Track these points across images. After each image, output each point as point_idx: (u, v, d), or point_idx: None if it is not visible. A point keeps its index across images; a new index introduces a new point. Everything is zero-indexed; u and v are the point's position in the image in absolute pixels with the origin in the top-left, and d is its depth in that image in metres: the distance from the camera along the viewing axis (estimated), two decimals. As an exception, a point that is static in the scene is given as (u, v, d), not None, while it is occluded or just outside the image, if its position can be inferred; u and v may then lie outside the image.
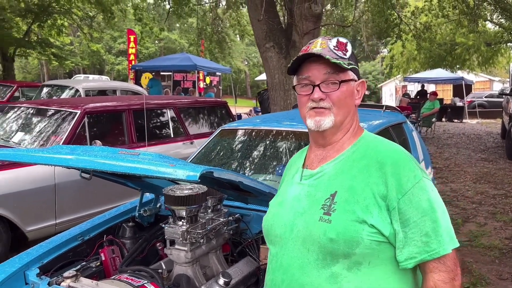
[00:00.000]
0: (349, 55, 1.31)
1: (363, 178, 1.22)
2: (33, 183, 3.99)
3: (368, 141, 1.32)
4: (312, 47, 1.30)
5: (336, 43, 1.30)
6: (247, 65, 42.09)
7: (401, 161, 1.22)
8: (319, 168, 1.32)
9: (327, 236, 1.18)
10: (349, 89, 1.30)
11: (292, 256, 1.25)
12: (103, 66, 39.39)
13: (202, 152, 3.40)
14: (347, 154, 1.30)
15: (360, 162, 1.26)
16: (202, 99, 7.57)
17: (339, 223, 1.18)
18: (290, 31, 6.98)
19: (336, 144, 1.33)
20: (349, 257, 1.17)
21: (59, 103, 4.94)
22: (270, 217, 1.38)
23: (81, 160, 1.58)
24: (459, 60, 21.03)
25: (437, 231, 1.16)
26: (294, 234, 1.26)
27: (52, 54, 16.88)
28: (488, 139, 12.46)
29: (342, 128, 1.32)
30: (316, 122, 1.28)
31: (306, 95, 1.30)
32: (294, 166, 1.45)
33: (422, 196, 1.18)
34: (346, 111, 1.30)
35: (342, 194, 1.22)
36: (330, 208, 1.21)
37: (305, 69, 1.30)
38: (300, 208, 1.28)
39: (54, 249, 2.26)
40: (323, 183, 1.28)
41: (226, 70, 17.01)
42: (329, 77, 1.27)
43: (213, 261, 2.32)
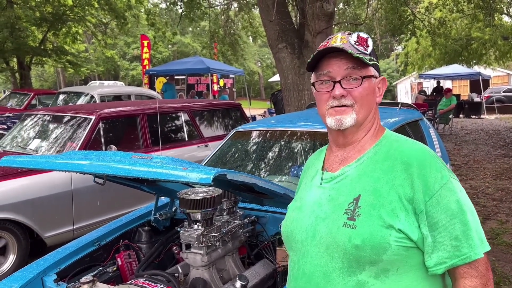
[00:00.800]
0: (370, 50, 1.25)
1: (387, 180, 1.16)
2: (51, 189, 4.03)
3: (391, 141, 1.26)
4: (332, 42, 1.24)
5: (357, 38, 1.25)
6: (260, 67, 42.11)
7: (427, 161, 1.16)
8: (340, 171, 1.26)
9: (352, 242, 1.12)
10: (370, 86, 1.25)
11: (315, 264, 1.19)
12: (118, 71, 39.84)
13: (217, 155, 3.39)
14: (369, 155, 1.24)
15: (383, 163, 1.20)
16: (216, 101, 7.57)
17: (364, 229, 1.12)
18: (302, 31, 6.93)
19: (357, 144, 1.27)
20: (376, 264, 1.11)
21: (74, 110, 4.99)
22: (290, 222, 1.31)
23: (95, 165, 1.57)
24: (476, 55, 20.68)
25: (467, 234, 1.10)
26: (316, 240, 1.20)
27: (67, 62, 17.11)
28: (507, 135, 12.21)
29: (363, 127, 1.26)
30: (336, 120, 1.22)
31: (326, 92, 1.24)
32: (313, 168, 1.38)
33: (451, 197, 1.12)
34: (368, 108, 1.25)
35: (367, 198, 1.16)
36: (354, 213, 1.15)
37: (325, 65, 1.24)
38: (322, 213, 1.22)
39: (71, 255, 2.27)
40: (345, 186, 1.22)
41: (239, 72, 17.02)
42: (350, 73, 1.21)
43: (230, 264, 2.30)
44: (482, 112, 18.07)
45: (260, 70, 41.61)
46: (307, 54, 6.81)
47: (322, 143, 3.12)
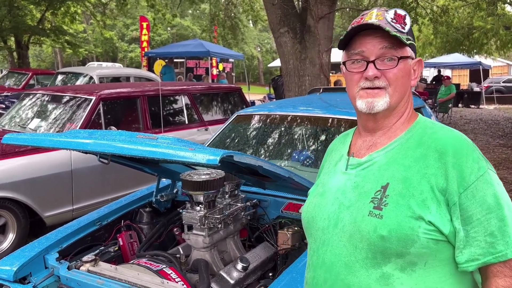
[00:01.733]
0: (407, 29, 1.16)
1: (419, 168, 1.08)
2: (50, 169, 4.02)
3: (425, 127, 1.17)
4: (366, 18, 1.15)
5: (394, 15, 1.15)
6: (260, 52, 41.82)
7: (464, 150, 1.08)
8: (367, 157, 1.18)
9: (378, 233, 1.05)
10: (406, 68, 1.16)
11: (337, 253, 1.12)
12: (116, 53, 39.49)
13: (218, 138, 3.38)
14: (400, 141, 1.16)
15: (415, 151, 1.12)
16: (216, 85, 7.53)
17: (391, 219, 1.05)
18: (304, 15, 6.87)
19: (388, 130, 1.18)
20: (402, 256, 1.05)
21: (74, 90, 4.96)
22: (312, 208, 1.24)
23: (100, 144, 1.56)
24: (477, 44, 20.55)
25: (504, 230, 1.03)
26: (338, 229, 1.13)
27: (66, 42, 16.95)
28: (506, 125, 12.24)
29: (396, 112, 1.18)
30: (368, 103, 1.14)
31: (358, 73, 1.15)
32: (337, 153, 1.30)
33: (487, 190, 1.05)
34: (402, 92, 1.16)
35: (395, 187, 1.09)
36: (381, 202, 1.08)
37: (358, 43, 1.15)
38: (346, 200, 1.15)
39: (73, 234, 2.27)
40: (372, 174, 1.14)
41: (239, 57, 16.91)
42: (385, 53, 1.13)
43: (231, 246, 2.32)
44: (481, 102, 18.06)
45: (259, 55, 41.34)
46: (308, 39, 6.76)
47: (325, 129, 3.11)
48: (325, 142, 3.04)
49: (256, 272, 2.11)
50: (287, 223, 2.36)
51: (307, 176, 2.52)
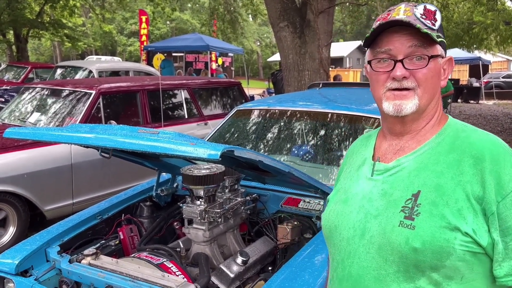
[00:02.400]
0: (438, 25, 1.08)
1: (452, 175, 1.01)
2: (51, 163, 4.04)
3: (457, 130, 1.09)
4: (393, 14, 1.07)
5: (423, 10, 1.07)
6: (259, 46, 41.73)
7: (501, 155, 1.00)
8: (395, 161, 1.10)
9: (410, 245, 0.98)
10: (436, 67, 1.08)
11: (365, 266, 1.05)
12: (115, 47, 39.40)
13: (218, 133, 3.39)
14: (430, 145, 1.08)
15: (448, 156, 1.04)
16: (215, 79, 7.53)
17: (425, 230, 0.98)
18: (304, 10, 6.85)
19: (416, 134, 1.11)
20: (437, 270, 0.98)
21: (74, 84, 4.96)
22: (334, 216, 1.15)
23: (101, 138, 1.57)
24: (477, 39, 20.47)
25: None
26: (366, 239, 1.06)
27: (65, 35, 16.90)
28: (505, 120, 12.27)
29: (425, 114, 1.09)
30: (395, 106, 1.06)
31: (385, 73, 1.08)
32: (359, 156, 1.23)
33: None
34: (432, 93, 1.08)
35: (428, 195, 1.01)
36: (412, 211, 1.01)
37: (385, 41, 1.07)
38: (373, 209, 1.07)
39: (74, 228, 2.29)
40: (401, 180, 1.07)
41: (238, 51, 16.89)
42: (415, 51, 1.05)
43: (231, 240, 2.34)
44: (481, 98, 18.08)
45: (259, 49, 41.26)
46: (308, 33, 6.75)
47: (324, 124, 3.12)
48: (325, 137, 3.06)
49: (256, 266, 2.14)
50: (287, 218, 2.38)
51: (306, 170, 2.54)
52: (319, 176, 2.65)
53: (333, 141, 3.02)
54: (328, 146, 3.00)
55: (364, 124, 2.95)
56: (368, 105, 3.18)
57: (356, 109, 3.07)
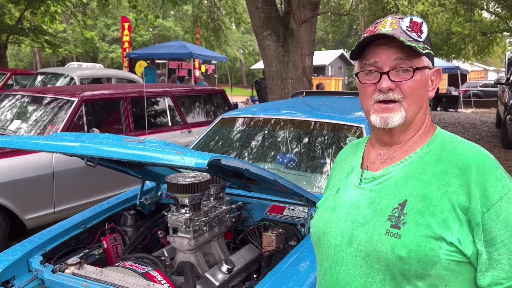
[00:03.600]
0: (424, 37, 1.09)
1: (439, 185, 1.03)
2: (31, 171, 3.97)
3: (444, 141, 1.11)
4: (380, 27, 1.09)
5: (409, 23, 1.09)
6: (242, 54, 41.86)
7: (487, 167, 1.02)
8: (383, 171, 1.12)
9: (396, 253, 1.00)
10: (423, 78, 1.09)
11: (352, 273, 1.07)
12: (97, 54, 39.01)
13: (202, 141, 3.40)
14: (418, 155, 1.10)
15: (435, 167, 1.06)
16: (199, 87, 7.54)
17: (411, 239, 1.00)
18: (287, 19, 6.94)
19: (404, 144, 1.13)
20: (422, 278, 0.99)
21: (55, 91, 4.90)
22: (322, 223, 1.17)
23: (87, 147, 1.57)
24: (455, 49, 21.03)
25: None
26: (353, 247, 1.07)
27: (45, 42, 16.68)
28: (483, 128, 12.53)
29: (413, 126, 1.11)
30: (382, 119, 1.09)
31: (372, 84, 1.10)
32: (347, 163, 1.24)
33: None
34: (418, 104, 1.10)
35: (414, 204, 1.03)
36: (399, 220, 1.02)
37: (372, 53, 1.09)
38: (360, 217, 1.09)
39: (57, 237, 2.26)
40: (388, 189, 1.08)
41: (221, 59, 16.91)
42: (400, 63, 1.07)
43: (216, 249, 2.34)
44: (459, 106, 18.45)
45: (242, 57, 41.38)
46: (291, 42, 6.83)
47: (308, 132, 3.16)
48: (308, 145, 3.09)
49: (241, 274, 2.14)
50: (272, 225, 2.39)
51: (290, 178, 2.57)
52: (303, 184, 2.68)
53: (317, 149, 3.06)
54: (311, 154, 3.03)
55: (347, 133, 2.99)
56: (350, 113, 3.24)
57: (339, 118, 3.12)
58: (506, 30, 17.79)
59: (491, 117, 14.90)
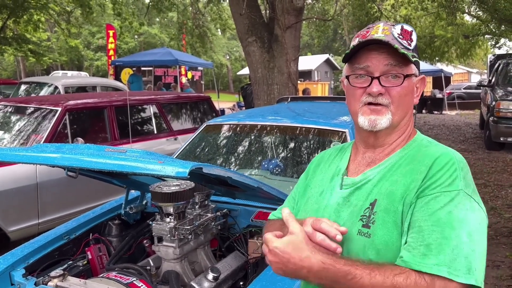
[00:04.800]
0: (413, 46, 1.13)
1: (405, 183, 1.05)
2: (15, 182, 3.91)
3: (420, 145, 1.14)
4: (372, 33, 1.12)
5: (400, 30, 1.12)
6: (229, 60, 41.93)
7: (449, 164, 1.04)
8: (361, 175, 1.15)
9: (367, 255, 1.02)
10: (410, 86, 1.13)
11: None
12: (82, 62, 38.75)
13: (187, 148, 3.39)
14: (395, 158, 1.14)
15: (406, 167, 1.09)
16: (185, 94, 7.53)
17: (379, 238, 1.02)
18: (272, 25, 6.98)
19: (388, 147, 1.16)
20: None
21: (39, 101, 4.85)
22: None
23: (67, 158, 1.56)
24: (438, 52, 21.36)
25: (442, 248, 0.94)
26: None
27: (29, 50, 16.52)
28: (467, 130, 12.71)
29: (397, 130, 1.15)
30: (370, 121, 1.11)
31: (362, 88, 1.12)
32: (333, 166, 1.26)
33: (446, 207, 0.98)
34: (405, 110, 1.14)
35: (381, 202, 1.06)
36: (369, 219, 1.05)
37: (363, 58, 1.12)
38: (340, 220, 1.11)
39: (40, 249, 2.22)
40: (364, 191, 1.12)
41: (208, 65, 16.94)
42: (390, 70, 1.10)
43: (202, 257, 2.32)
44: (444, 108, 18.69)
45: (228, 63, 41.45)
46: (276, 48, 6.87)
47: (293, 137, 3.17)
48: (294, 151, 3.10)
49: (227, 282, 2.13)
50: (258, 232, 2.39)
51: (276, 184, 2.57)
52: (289, 189, 2.67)
53: (302, 154, 3.07)
54: (297, 160, 3.05)
55: (331, 137, 3.01)
56: (335, 118, 3.26)
57: (324, 123, 3.14)
58: (487, 33, 18.11)
59: (475, 119, 15.11)
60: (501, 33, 17.22)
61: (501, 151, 8.99)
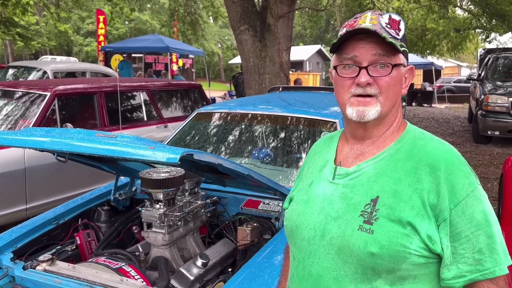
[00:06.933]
0: (401, 35, 1.12)
1: (409, 182, 1.06)
2: (2, 167, 3.88)
3: (414, 138, 1.14)
4: (360, 22, 1.10)
5: (388, 19, 1.11)
6: (220, 48, 41.66)
7: (456, 165, 1.06)
8: (356, 167, 1.13)
9: (368, 249, 1.02)
10: (399, 75, 1.12)
11: (325, 267, 1.09)
12: (71, 47, 38.21)
13: (178, 136, 3.38)
14: (389, 152, 1.12)
15: (405, 163, 1.09)
16: (175, 82, 7.48)
17: (382, 235, 1.02)
18: (265, 14, 6.94)
19: (377, 139, 1.15)
20: (393, 272, 1.03)
21: (27, 85, 4.79)
22: (295, 216, 1.19)
23: (57, 142, 1.55)
24: (430, 45, 21.43)
25: (492, 247, 1.02)
26: (326, 241, 1.09)
27: (17, 34, 16.25)
28: (456, 123, 12.83)
29: (386, 121, 1.14)
30: (358, 112, 1.10)
31: (350, 78, 1.11)
32: (321, 157, 1.26)
33: (477, 207, 1.03)
34: (393, 100, 1.12)
35: (386, 200, 1.05)
36: (371, 216, 1.05)
37: (351, 48, 1.10)
38: (333, 211, 1.10)
39: (28, 233, 2.22)
40: (361, 185, 1.10)
41: (199, 53, 16.82)
42: (378, 59, 1.09)
43: (191, 243, 2.34)
44: (434, 101, 18.82)
45: (220, 51, 41.18)
46: (268, 37, 6.84)
47: (283, 127, 3.18)
48: (284, 140, 3.11)
49: (216, 268, 2.15)
50: (247, 220, 2.41)
51: (266, 173, 2.59)
52: (279, 178, 2.70)
53: (292, 144, 3.08)
54: (287, 149, 3.06)
55: (322, 128, 3.03)
56: (326, 109, 3.27)
57: (314, 113, 3.15)
58: (478, 27, 18.20)
59: (464, 112, 15.25)
60: (491, 28, 17.31)
61: (488, 144, 9.10)
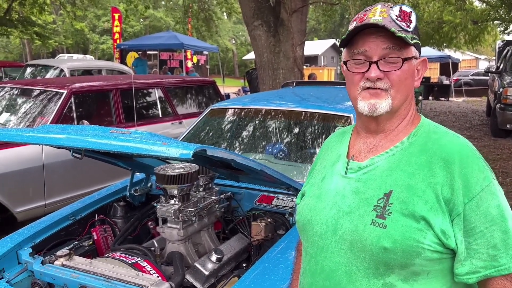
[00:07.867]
0: (413, 27, 1.10)
1: (423, 177, 1.04)
2: (21, 164, 3.96)
3: (429, 132, 1.12)
4: (369, 15, 1.08)
5: (399, 12, 1.09)
6: (234, 44, 41.68)
7: (470, 159, 1.05)
8: (369, 161, 1.12)
9: (381, 244, 1.01)
10: (410, 69, 1.10)
11: (337, 261, 1.08)
12: (87, 45, 38.68)
13: (192, 132, 3.40)
14: (403, 146, 1.11)
15: (419, 157, 1.07)
16: (189, 78, 7.51)
17: (396, 229, 1.01)
18: (278, 9, 6.91)
19: (390, 133, 1.14)
20: (406, 267, 1.02)
21: (45, 83, 4.86)
22: (307, 211, 1.18)
23: (73, 139, 1.57)
24: (446, 38, 21.05)
25: (507, 243, 1.00)
26: (338, 235, 1.08)
27: (34, 33, 16.51)
28: (473, 117, 12.63)
29: (398, 114, 1.13)
30: (370, 105, 1.09)
31: (360, 73, 1.10)
32: (333, 151, 1.25)
33: (492, 201, 1.01)
34: (405, 94, 1.11)
35: (399, 195, 1.04)
36: (384, 211, 1.03)
37: (361, 42, 1.09)
38: (345, 206, 1.09)
39: (46, 229, 2.26)
40: (374, 179, 1.09)
41: (213, 49, 16.85)
42: (389, 53, 1.07)
43: (205, 239, 2.35)
44: (451, 95, 18.55)
45: (234, 47, 41.20)
46: (282, 32, 6.81)
47: (297, 122, 3.17)
48: (298, 135, 3.10)
49: (230, 263, 2.16)
50: (261, 215, 2.41)
51: (280, 168, 2.59)
52: (293, 173, 2.70)
53: (306, 139, 3.07)
54: (301, 144, 3.05)
55: (336, 122, 3.01)
56: (340, 103, 3.25)
57: (328, 108, 3.13)
58: (496, 19, 17.81)
59: (481, 106, 15.00)
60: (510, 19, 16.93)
61: (507, 138, 8.93)
